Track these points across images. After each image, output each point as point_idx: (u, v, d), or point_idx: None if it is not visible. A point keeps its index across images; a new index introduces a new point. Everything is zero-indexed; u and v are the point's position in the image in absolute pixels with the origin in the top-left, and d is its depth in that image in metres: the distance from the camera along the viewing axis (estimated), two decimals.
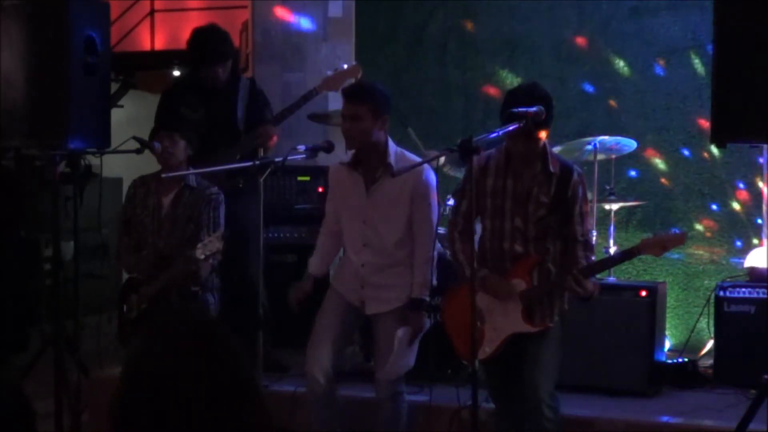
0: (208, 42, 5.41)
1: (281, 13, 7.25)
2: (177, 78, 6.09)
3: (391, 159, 4.29)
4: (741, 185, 6.41)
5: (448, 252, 5.44)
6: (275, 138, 5.36)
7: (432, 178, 4.35)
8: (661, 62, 6.60)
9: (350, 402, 4.72)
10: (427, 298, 4.33)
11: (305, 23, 7.21)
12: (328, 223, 4.56)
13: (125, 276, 5.08)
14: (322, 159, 4.84)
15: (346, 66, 5.09)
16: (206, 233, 4.76)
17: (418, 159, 4.37)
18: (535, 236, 3.98)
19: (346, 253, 4.50)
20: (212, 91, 5.47)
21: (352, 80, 5.15)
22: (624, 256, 4.18)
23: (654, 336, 5.18)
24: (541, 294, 3.98)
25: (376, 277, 4.35)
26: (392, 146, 4.34)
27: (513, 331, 4.01)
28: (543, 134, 3.94)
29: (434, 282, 4.34)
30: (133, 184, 5.01)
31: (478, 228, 4.20)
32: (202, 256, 4.44)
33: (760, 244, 6.10)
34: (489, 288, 4.00)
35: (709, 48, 4.43)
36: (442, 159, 4.88)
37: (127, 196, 5.01)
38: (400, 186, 4.25)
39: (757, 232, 6.29)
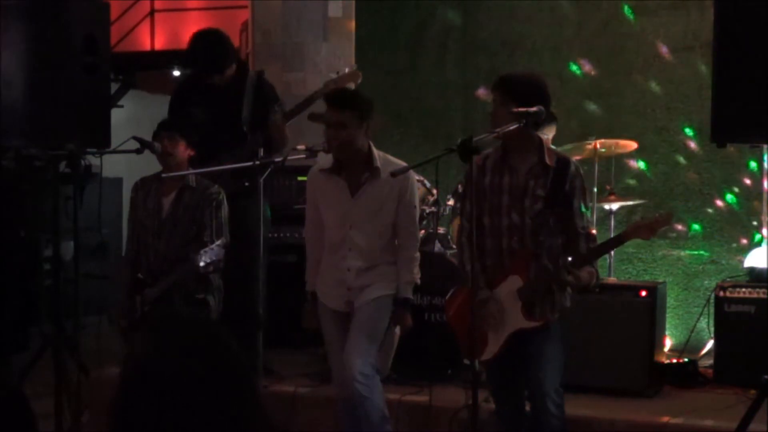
0: (207, 51, 5.39)
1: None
2: (184, 77, 6.08)
3: (378, 163, 4.29)
4: (741, 185, 6.41)
5: (448, 252, 5.46)
6: (284, 131, 5.30)
7: (415, 180, 4.41)
8: (661, 62, 6.60)
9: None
10: (412, 297, 4.38)
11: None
12: (311, 230, 4.50)
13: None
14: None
15: (347, 69, 5.07)
16: (210, 235, 4.76)
17: (401, 161, 4.36)
18: (532, 231, 3.97)
19: (327, 258, 4.43)
20: (218, 90, 5.46)
21: (353, 84, 5.11)
22: (614, 242, 4.18)
23: (654, 336, 5.18)
24: (538, 288, 3.97)
25: (361, 279, 4.35)
26: (375, 150, 4.34)
27: (515, 329, 4.00)
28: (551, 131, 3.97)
29: (418, 280, 4.38)
30: (135, 186, 5.02)
31: None
32: (202, 263, 4.46)
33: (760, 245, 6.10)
34: (486, 312, 3.99)
35: (710, 48, 4.43)
36: None
37: (131, 198, 5.02)
38: (388, 189, 4.26)
39: (757, 232, 6.29)
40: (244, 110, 5.41)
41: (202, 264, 4.46)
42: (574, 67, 6.81)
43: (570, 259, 3.87)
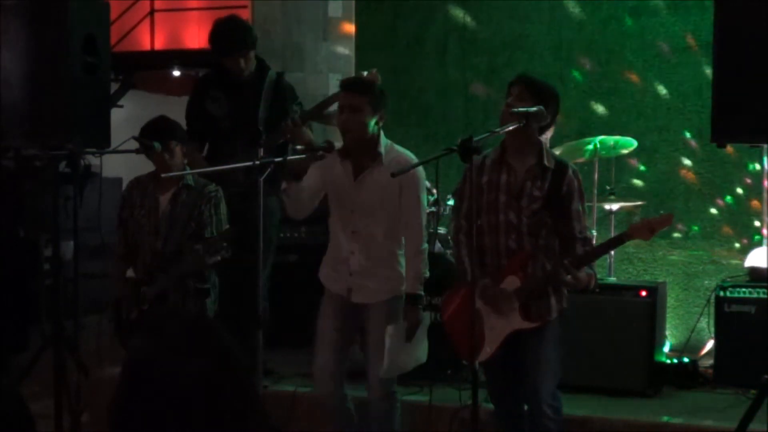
0: (226, 32, 5.42)
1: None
2: (205, 73, 6.12)
3: (381, 149, 4.31)
4: (741, 185, 6.41)
5: (448, 252, 5.46)
6: (305, 132, 5.28)
7: (421, 172, 4.38)
8: (661, 62, 6.60)
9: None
10: (422, 293, 4.35)
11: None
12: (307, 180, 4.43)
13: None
14: None
15: (366, 73, 5.08)
16: (211, 232, 4.75)
17: (406, 151, 4.39)
18: (528, 231, 3.97)
19: (332, 241, 4.49)
20: (237, 85, 5.46)
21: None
22: (614, 242, 4.19)
23: (654, 336, 5.18)
24: (535, 288, 3.97)
25: (364, 266, 4.36)
26: (383, 138, 4.36)
27: (512, 329, 4.00)
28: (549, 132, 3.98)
29: (427, 274, 4.36)
30: (129, 185, 4.97)
31: None
32: (208, 257, 4.44)
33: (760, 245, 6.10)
34: (488, 299, 3.99)
35: (710, 48, 4.42)
36: None
37: (123, 197, 4.97)
38: (389, 178, 4.26)
39: (757, 232, 6.30)
40: (261, 110, 5.42)
41: (207, 257, 4.44)
42: (574, 67, 6.81)
43: (569, 259, 3.88)
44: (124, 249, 4.92)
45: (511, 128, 3.81)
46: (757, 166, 6.32)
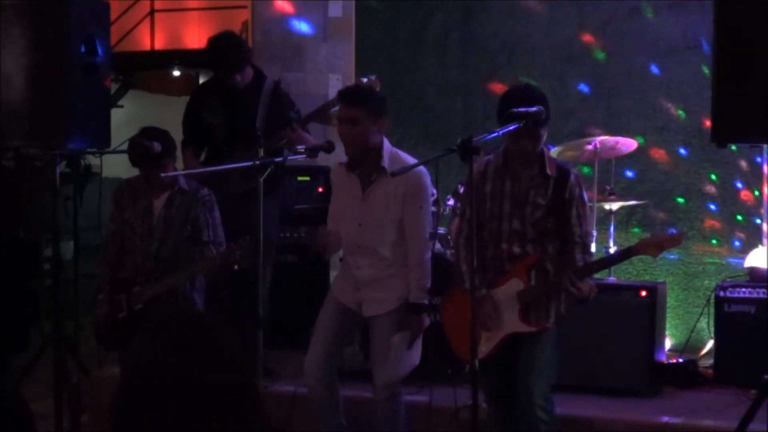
0: (221, 52, 5.46)
1: (281, 10, 7.26)
2: (202, 83, 6.16)
3: (385, 162, 4.29)
4: (741, 185, 6.41)
5: (448, 252, 5.46)
6: (304, 137, 5.29)
7: (426, 180, 4.33)
8: (661, 62, 6.60)
9: (350, 402, 4.72)
10: (425, 301, 4.33)
11: (304, 27, 7.22)
12: (330, 223, 4.54)
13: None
14: (322, 159, 4.83)
15: (365, 80, 5.09)
16: (208, 234, 4.76)
17: (412, 159, 4.36)
18: (533, 238, 4.00)
19: (344, 254, 4.50)
20: (234, 94, 5.49)
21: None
22: (621, 256, 4.19)
23: (654, 336, 5.18)
24: (538, 294, 3.98)
25: (371, 278, 4.36)
26: (387, 148, 4.33)
27: (510, 331, 4.01)
28: (543, 134, 3.97)
29: (428, 284, 4.34)
30: (119, 187, 4.96)
31: None
32: (226, 263, 4.43)
33: (760, 245, 6.10)
34: (480, 311, 3.99)
35: (709, 48, 4.42)
36: None
37: (114, 199, 4.96)
38: (394, 188, 4.26)
39: (757, 232, 6.30)
40: (259, 118, 5.44)
41: (217, 261, 4.44)
42: (573, 67, 6.80)
43: (573, 269, 3.89)
44: (113, 253, 4.92)
45: (511, 129, 3.81)
46: (757, 167, 6.32)
